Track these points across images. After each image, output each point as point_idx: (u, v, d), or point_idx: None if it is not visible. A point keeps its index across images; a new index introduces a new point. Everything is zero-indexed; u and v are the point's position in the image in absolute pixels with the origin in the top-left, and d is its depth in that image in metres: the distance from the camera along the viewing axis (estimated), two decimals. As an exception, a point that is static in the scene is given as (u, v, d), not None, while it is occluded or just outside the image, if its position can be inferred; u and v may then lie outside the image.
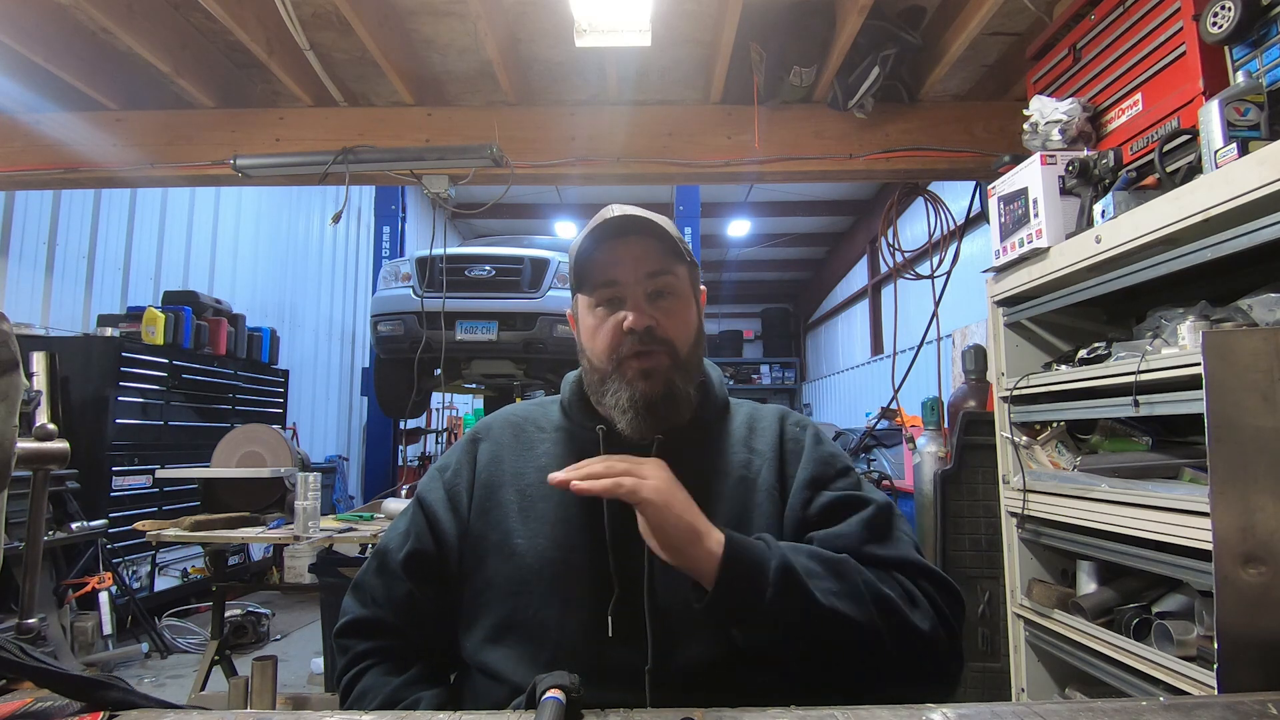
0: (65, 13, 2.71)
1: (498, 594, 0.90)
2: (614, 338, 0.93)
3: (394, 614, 0.94)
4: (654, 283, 0.94)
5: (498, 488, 0.97)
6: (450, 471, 1.01)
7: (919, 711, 0.65)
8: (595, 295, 0.95)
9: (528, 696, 0.68)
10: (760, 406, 1.07)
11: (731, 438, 1.00)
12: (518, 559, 0.90)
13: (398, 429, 6.10)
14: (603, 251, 0.94)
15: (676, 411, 0.93)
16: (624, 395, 0.92)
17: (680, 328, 0.95)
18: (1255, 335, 0.79)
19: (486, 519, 0.95)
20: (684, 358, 0.94)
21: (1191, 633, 1.57)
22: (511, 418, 1.05)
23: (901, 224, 3.64)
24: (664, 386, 0.92)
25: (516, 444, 1.01)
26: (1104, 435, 2.00)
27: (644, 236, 0.94)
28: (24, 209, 4.40)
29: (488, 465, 0.99)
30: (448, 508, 0.97)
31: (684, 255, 0.96)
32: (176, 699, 1.66)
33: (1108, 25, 2.04)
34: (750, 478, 0.96)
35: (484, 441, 1.02)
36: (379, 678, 0.91)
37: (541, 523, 0.92)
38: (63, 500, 3.74)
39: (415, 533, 0.97)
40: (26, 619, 1.04)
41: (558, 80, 3.19)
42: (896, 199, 3.65)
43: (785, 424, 1.02)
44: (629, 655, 0.83)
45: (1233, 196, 1.37)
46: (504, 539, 0.93)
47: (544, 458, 0.99)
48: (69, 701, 0.67)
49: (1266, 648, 0.72)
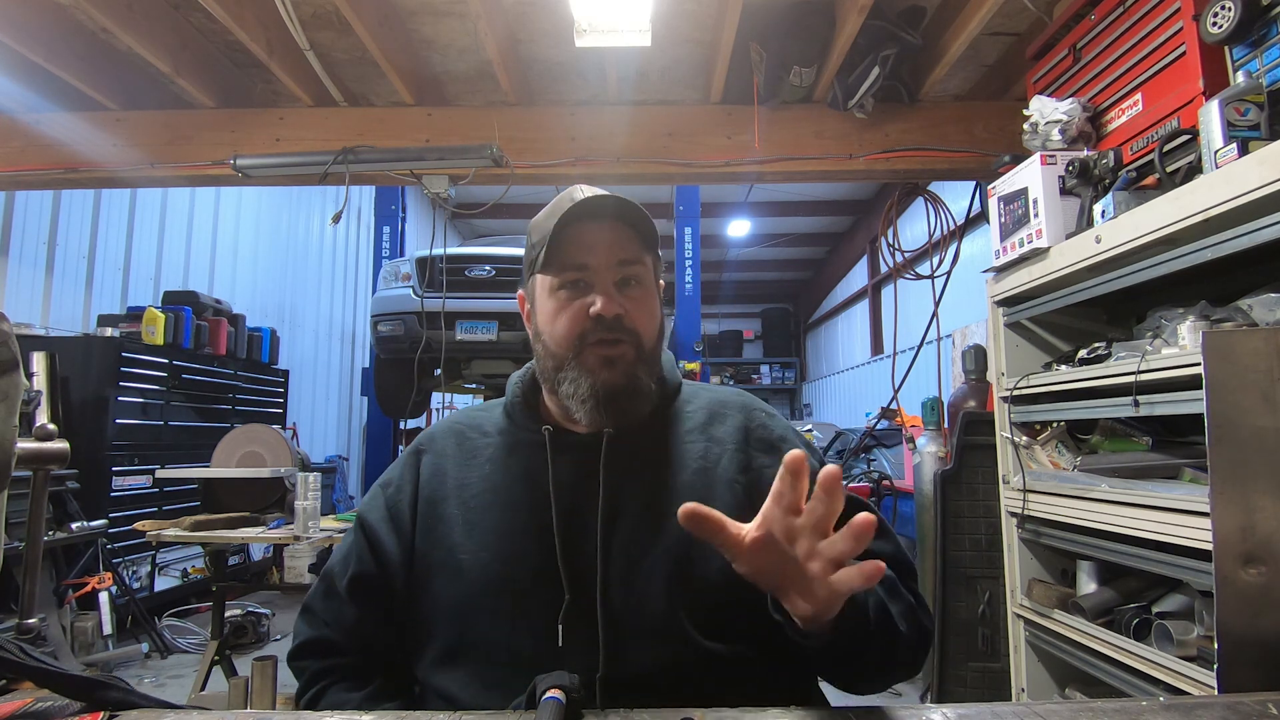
0: (65, 13, 2.71)
1: (445, 615, 0.86)
2: (577, 323, 0.87)
3: (344, 637, 0.90)
4: (624, 271, 0.89)
5: (440, 501, 0.92)
6: (393, 488, 0.96)
7: (919, 711, 0.65)
8: (560, 277, 0.89)
9: (528, 697, 0.68)
10: (723, 393, 1.02)
11: (686, 424, 0.95)
12: (463, 576, 0.86)
13: (398, 429, 6.10)
14: (575, 232, 0.88)
15: (636, 405, 0.89)
16: (584, 384, 0.87)
17: (647, 319, 0.91)
18: (1255, 335, 0.79)
19: (430, 536, 0.90)
20: (648, 351, 0.90)
21: (1191, 633, 1.57)
22: (454, 425, 1.00)
23: (901, 224, 3.65)
24: (626, 378, 0.87)
25: (460, 453, 0.96)
26: (1104, 435, 2.00)
27: (620, 222, 0.89)
28: (24, 209, 4.41)
29: (430, 479, 0.94)
30: (389, 527, 0.92)
31: (654, 246, 0.93)
32: (176, 699, 1.66)
33: (1108, 25, 2.04)
34: (709, 467, 0.90)
35: (426, 454, 0.97)
36: (340, 694, 0.87)
37: (486, 535, 0.88)
38: (63, 500, 3.74)
39: (357, 554, 0.92)
40: (26, 619, 1.04)
41: (558, 80, 3.19)
42: (896, 199, 3.65)
43: (751, 412, 0.97)
44: (580, 663, 0.79)
45: (1233, 196, 1.37)
46: (448, 555, 0.88)
47: (487, 465, 0.93)
48: (69, 701, 0.67)
49: (1266, 648, 0.72)
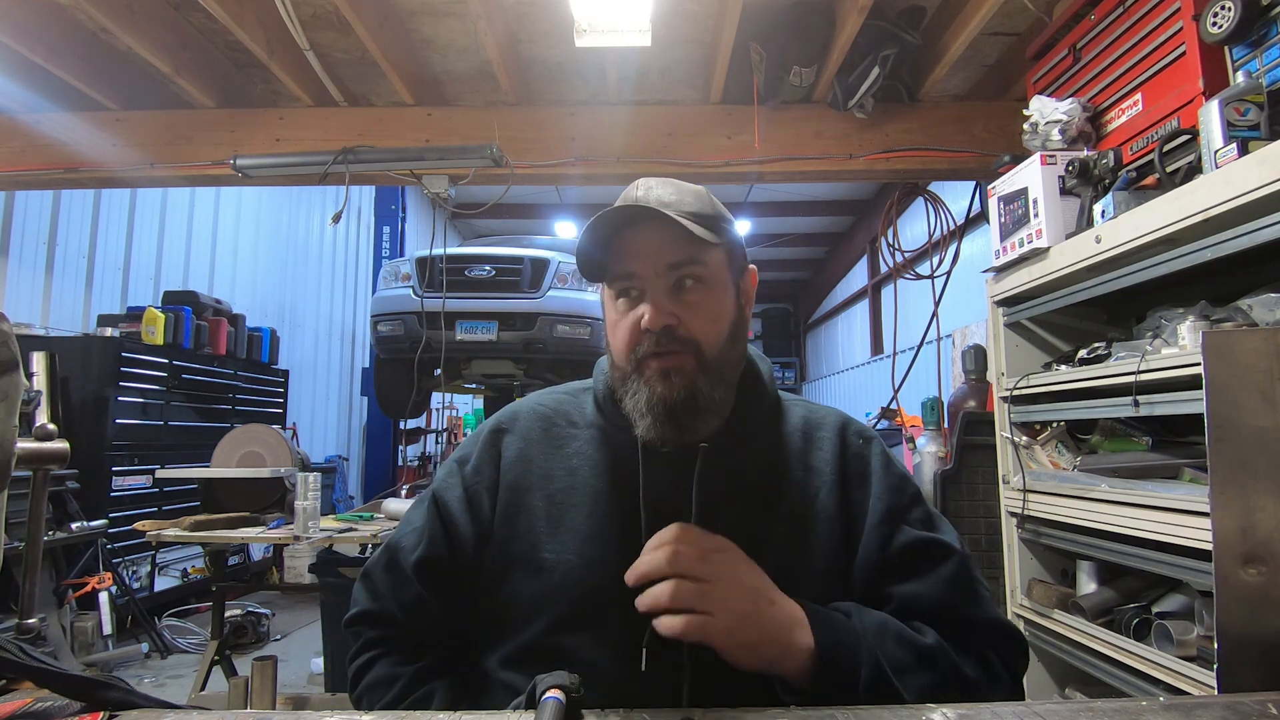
0: (65, 13, 2.71)
1: (522, 614, 0.83)
2: (632, 335, 0.83)
3: (402, 612, 0.87)
4: (678, 273, 0.82)
5: (525, 491, 0.87)
6: (470, 467, 0.90)
7: (919, 711, 0.65)
8: (615, 287, 0.85)
9: (528, 696, 0.67)
10: (816, 410, 0.94)
11: (787, 449, 0.88)
12: (545, 575, 0.82)
13: (398, 429, 6.12)
14: (626, 236, 0.83)
15: (700, 419, 0.82)
16: (642, 397, 0.82)
17: (707, 324, 0.83)
18: (1255, 335, 0.79)
19: (512, 525, 0.86)
20: (712, 358, 0.82)
21: (1191, 633, 1.57)
22: (540, 409, 0.94)
23: (901, 224, 3.64)
24: (685, 391, 0.81)
25: (545, 440, 0.90)
26: (1104, 435, 2.00)
27: (668, 221, 0.80)
28: (24, 209, 4.40)
29: (514, 464, 0.89)
30: (465, 509, 0.88)
31: (718, 236, 0.83)
32: (176, 699, 1.66)
33: (1108, 25, 2.04)
34: (808, 502, 0.84)
35: (509, 434, 0.92)
36: (390, 668, 0.85)
37: (571, 535, 0.83)
38: (63, 500, 3.74)
39: (429, 535, 0.88)
40: (26, 619, 1.04)
41: (558, 80, 3.19)
42: (896, 199, 3.65)
43: (847, 436, 0.90)
44: (662, 693, 0.75)
45: (1233, 196, 1.37)
46: (530, 551, 0.84)
47: (575, 458, 0.88)
48: (69, 701, 0.67)
49: (1266, 648, 0.72)
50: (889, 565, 0.83)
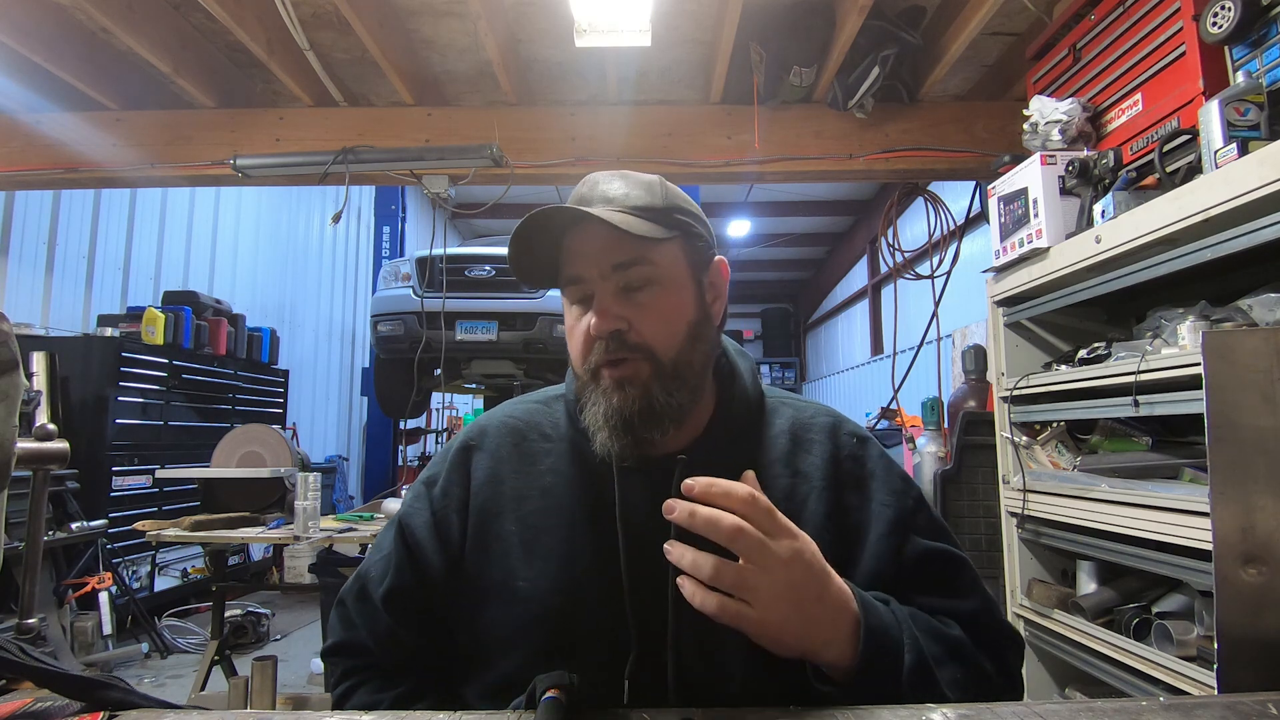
0: (65, 13, 2.71)
1: (499, 646, 0.79)
2: (585, 343, 0.78)
3: (375, 643, 0.84)
4: (625, 275, 0.77)
5: (496, 516, 0.82)
6: (439, 489, 0.85)
7: (919, 711, 0.65)
8: (568, 292, 0.81)
9: (527, 697, 0.67)
10: (805, 410, 0.89)
11: (771, 453, 0.83)
12: (521, 606, 0.78)
13: (398, 429, 6.11)
14: (571, 237, 0.79)
15: (659, 429, 0.77)
16: (599, 409, 0.77)
17: (659, 326, 0.77)
18: (1255, 335, 0.79)
19: (485, 555, 0.81)
20: (669, 362, 0.77)
21: (1191, 633, 1.57)
22: (511, 421, 0.89)
23: (901, 224, 3.64)
24: (640, 400, 0.76)
25: (517, 458, 0.85)
26: (1104, 435, 2.00)
27: (610, 220, 0.74)
28: (24, 209, 4.41)
29: (485, 485, 0.84)
30: (433, 535, 0.83)
31: (668, 230, 0.78)
32: (176, 699, 1.66)
33: (1108, 25, 2.04)
34: (794, 510, 0.79)
35: (479, 452, 0.86)
36: (370, 695, 0.83)
37: (547, 561, 0.79)
38: (63, 500, 3.74)
39: (396, 564, 0.84)
40: (26, 619, 1.04)
41: (558, 80, 3.19)
42: (896, 199, 3.65)
43: (839, 437, 0.85)
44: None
45: (1233, 196, 1.37)
46: (505, 579, 0.79)
47: (549, 476, 0.83)
48: (69, 701, 0.67)
49: (1266, 648, 0.72)
50: (904, 576, 0.80)
